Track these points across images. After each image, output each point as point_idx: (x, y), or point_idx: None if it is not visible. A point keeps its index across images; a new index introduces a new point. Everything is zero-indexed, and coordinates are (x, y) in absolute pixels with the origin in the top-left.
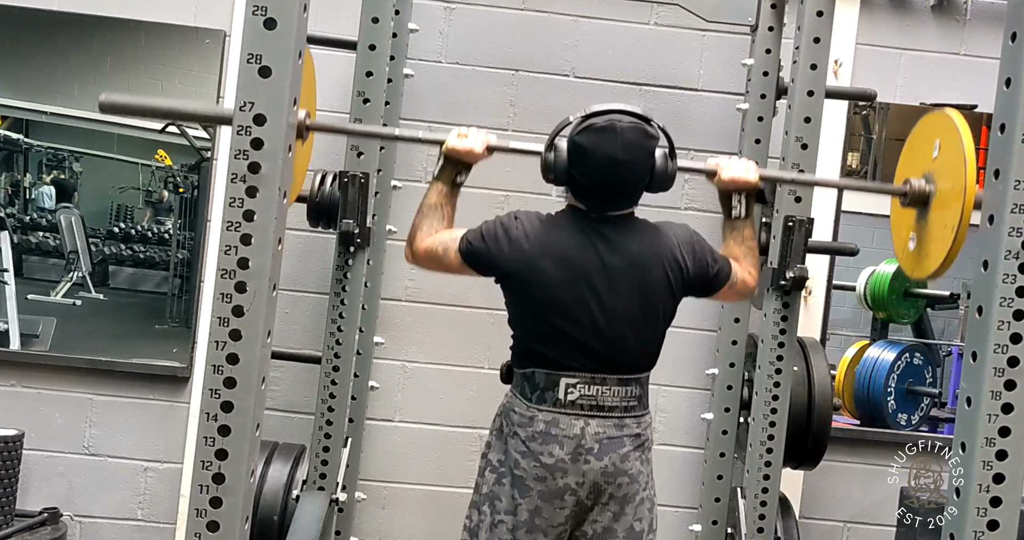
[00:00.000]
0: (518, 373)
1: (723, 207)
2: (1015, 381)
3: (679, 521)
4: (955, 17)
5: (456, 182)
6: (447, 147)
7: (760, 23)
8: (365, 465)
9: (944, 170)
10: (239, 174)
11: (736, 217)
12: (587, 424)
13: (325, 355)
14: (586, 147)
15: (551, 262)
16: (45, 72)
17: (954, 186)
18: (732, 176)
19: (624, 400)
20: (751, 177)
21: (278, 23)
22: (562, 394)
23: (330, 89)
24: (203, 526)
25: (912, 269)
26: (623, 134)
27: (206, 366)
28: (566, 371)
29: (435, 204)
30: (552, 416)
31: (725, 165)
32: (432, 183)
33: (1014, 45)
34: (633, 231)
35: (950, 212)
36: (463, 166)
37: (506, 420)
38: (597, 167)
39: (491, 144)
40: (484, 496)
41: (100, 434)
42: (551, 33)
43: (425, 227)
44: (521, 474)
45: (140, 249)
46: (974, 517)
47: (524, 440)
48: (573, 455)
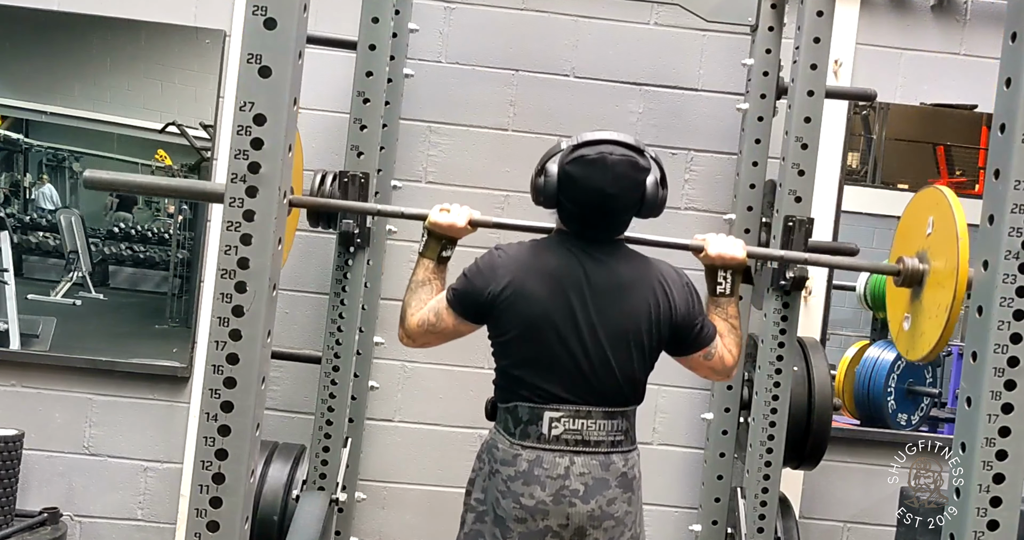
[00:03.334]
0: (501, 408)
1: (708, 283)
2: (1015, 381)
3: (679, 521)
4: (955, 17)
5: (442, 257)
6: (430, 221)
7: (760, 23)
8: (365, 465)
9: (937, 248)
10: (239, 174)
11: (721, 294)
12: (572, 463)
13: (325, 355)
14: (576, 177)
15: (537, 279)
16: (45, 72)
17: (947, 264)
18: (719, 252)
19: (610, 434)
20: (738, 254)
21: (278, 23)
22: (546, 429)
23: (330, 89)
24: (203, 526)
25: (907, 350)
26: (613, 168)
27: (206, 366)
28: (550, 404)
29: (423, 280)
30: (536, 454)
31: (712, 241)
32: (419, 260)
33: (1014, 45)
34: (620, 256)
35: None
36: (447, 240)
37: (489, 456)
38: (586, 198)
39: (474, 219)
40: (466, 535)
41: (100, 434)
42: (551, 33)
43: (414, 303)
44: (502, 514)
45: (140, 249)
46: (974, 517)
47: (505, 480)
48: (555, 497)
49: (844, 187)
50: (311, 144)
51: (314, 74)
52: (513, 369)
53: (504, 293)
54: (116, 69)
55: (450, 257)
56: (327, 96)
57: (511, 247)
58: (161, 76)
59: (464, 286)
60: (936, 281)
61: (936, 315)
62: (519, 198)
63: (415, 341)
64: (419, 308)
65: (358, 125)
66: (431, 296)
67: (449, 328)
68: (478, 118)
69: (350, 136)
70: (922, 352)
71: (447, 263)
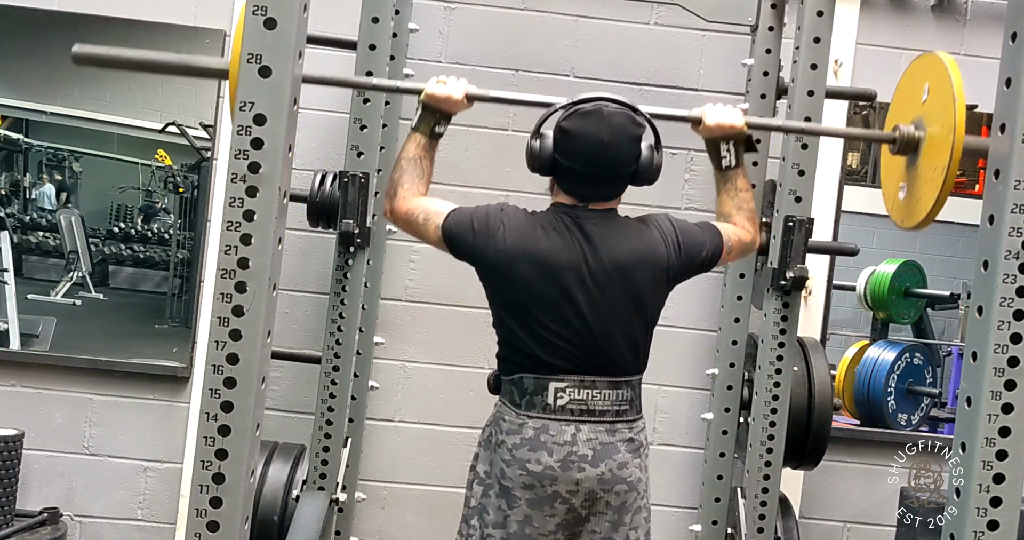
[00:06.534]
0: (506, 381)
1: (712, 158)
2: (1015, 381)
3: (679, 521)
4: (955, 17)
5: (435, 132)
6: (426, 94)
7: (760, 23)
8: (365, 465)
9: (933, 114)
10: (239, 174)
11: (727, 167)
12: (578, 430)
13: (325, 355)
14: (572, 131)
15: (534, 260)
16: (45, 72)
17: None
18: (718, 121)
19: (615, 404)
20: (737, 122)
21: (278, 23)
22: (551, 399)
23: (330, 89)
24: (203, 526)
25: (902, 218)
26: (610, 117)
27: (206, 366)
28: (555, 375)
29: (414, 157)
30: (542, 423)
31: (709, 111)
32: (410, 134)
33: (1014, 45)
34: (617, 229)
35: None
36: (442, 115)
37: (495, 429)
38: (583, 149)
39: (470, 92)
40: (472, 509)
41: (100, 434)
42: (551, 33)
43: (407, 183)
44: (508, 484)
45: (140, 249)
46: (974, 517)
47: (511, 448)
48: (563, 463)
49: (844, 187)
50: (311, 144)
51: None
52: (516, 341)
53: (500, 264)
54: None
55: (443, 134)
56: (327, 96)
57: (517, 215)
58: (161, 76)
59: (465, 231)
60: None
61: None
62: (519, 198)
63: (395, 222)
64: (412, 194)
65: (358, 125)
66: (422, 178)
67: (429, 238)
68: (478, 118)
69: (350, 136)
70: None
71: (439, 140)
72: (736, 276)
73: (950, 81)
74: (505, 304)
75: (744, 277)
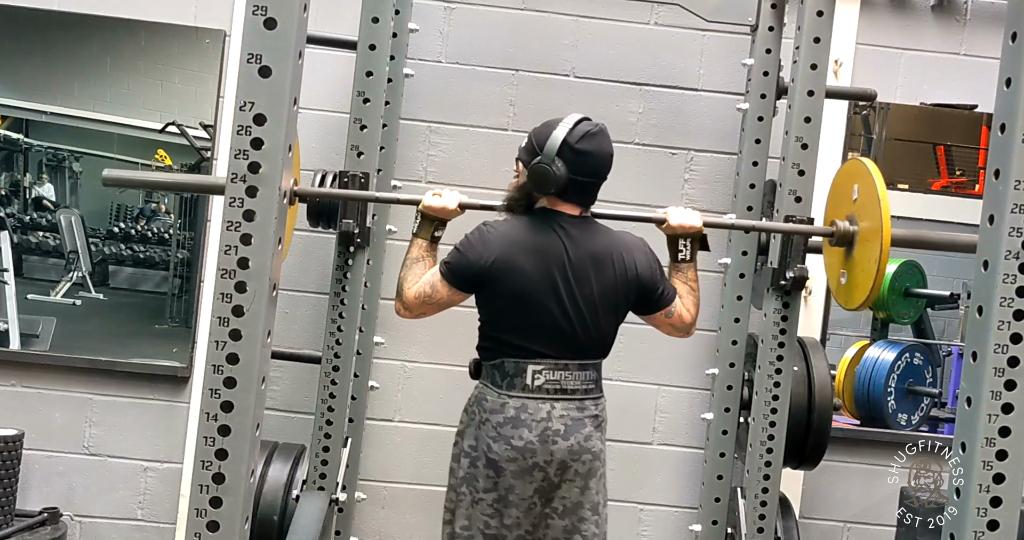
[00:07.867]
0: (487, 365)
1: (670, 251)
2: (1015, 381)
3: (679, 521)
4: (955, 17)
5: (434, 236)
6: (423, 205)
7: (760, 23)
8: (365, 465)
9: (864, 211)
10: (239, 174)
11: (682, 260)
12: (552, 407)
13: (325, 355)
14: (591, 151)
15: (525, 254)
16: (45, 72)
17: (872, 224)
18: (679, 222)
19: (584, 383)
20: (696, 223)
21: (278, 23)
22: (530, 380)
23: (330, 89)
24: (203, 526)
25: (845, 301)
26: (605, 132)
27: (206, 366)
28: (532, 358)
29: (417, 257)
30: (522, 402)
31: (672, 213)
32: (412, 240)
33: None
34: (594, 231)
35: (872, 246)
36: (439, 222)
37: (478, 408)
38: (600, 165)
39: (463, 202)
40: (461, 479)
41: (100, 434)
42: (551, 33)
43: (410, 278)
44: (494, 457)
45: (140, 249)
46: (974, 517)
47: (496, 426)
48: (541, 437)
49: None
50: (311, 144)
51: (314, 74)
52: (500, 333)
53: (494, 265)
54: (116, 69)
55: (441, 237)
56: (327, 96)
57: (499, 224)
58: (161, 76)
59: (457, 259)
60: (865, 238)
61: (867, 268)
62: None
63: (412, 312)
64: (415, 282)
65: (358, 125)
66: (424, 271)
67: (444, 298)
68: (478, 118)
69: (350, 136)
70: (858, 300)
71: (438, 242)
72: (736, 276)
73: (875, 182)
74: (493, 302)
75: (744, 277)
